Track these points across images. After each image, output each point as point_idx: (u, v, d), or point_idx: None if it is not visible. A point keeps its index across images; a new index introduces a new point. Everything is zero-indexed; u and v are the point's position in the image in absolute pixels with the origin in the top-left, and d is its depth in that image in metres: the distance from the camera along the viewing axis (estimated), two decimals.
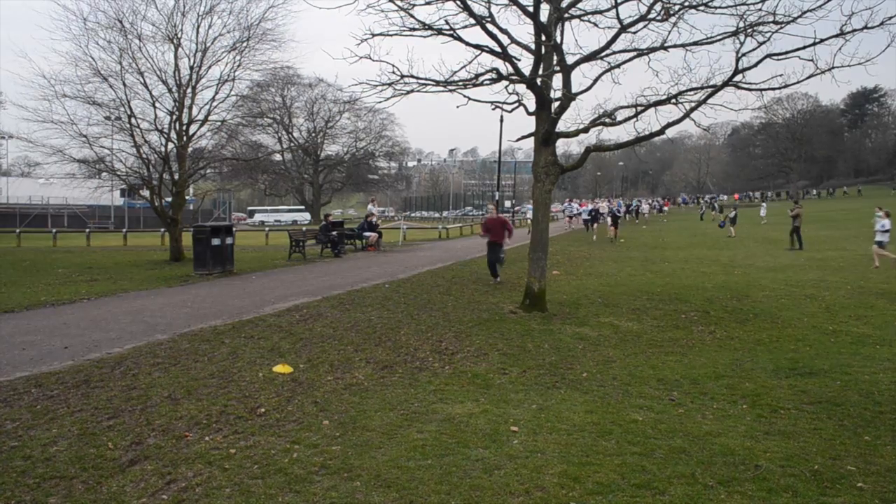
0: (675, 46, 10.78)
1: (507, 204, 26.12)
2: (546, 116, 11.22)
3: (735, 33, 10.13)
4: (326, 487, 4.41)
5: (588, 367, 7.96)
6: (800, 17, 9.85)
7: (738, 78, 10.35)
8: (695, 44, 10.74)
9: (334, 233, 22.93)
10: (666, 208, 75.33)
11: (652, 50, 10.94)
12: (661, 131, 10.99)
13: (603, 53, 11.24)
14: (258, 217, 72.66)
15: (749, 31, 10.00)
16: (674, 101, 10.87)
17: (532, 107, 11.53)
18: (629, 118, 11.12)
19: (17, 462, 4.79)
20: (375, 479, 4.55)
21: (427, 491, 4.36)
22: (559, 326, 10.35)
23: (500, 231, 15.19)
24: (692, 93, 10.82)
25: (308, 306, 11.65)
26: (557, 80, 11.44)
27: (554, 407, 6.31)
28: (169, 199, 21.84)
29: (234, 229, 19.11)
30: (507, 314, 11.28)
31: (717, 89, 10.50)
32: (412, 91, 11.56)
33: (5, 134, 35.39)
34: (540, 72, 11.08)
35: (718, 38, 10.50)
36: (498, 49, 10.99)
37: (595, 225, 34.34)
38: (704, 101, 10.62)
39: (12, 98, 51.75)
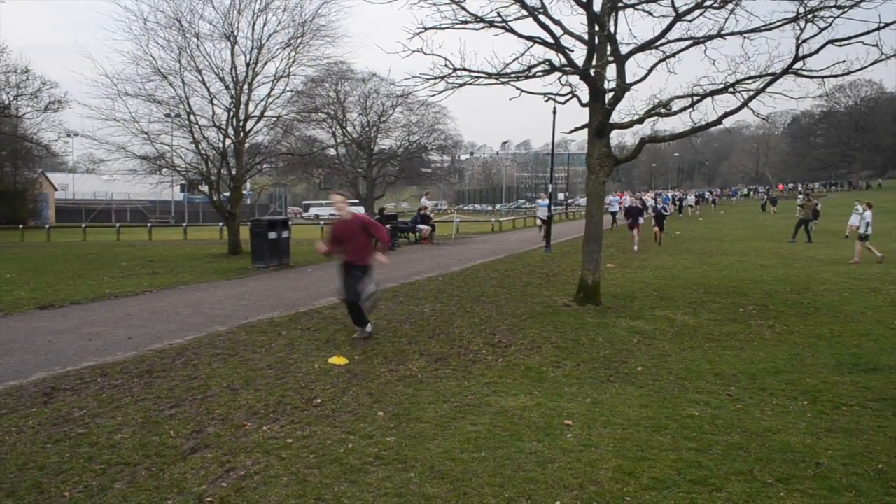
0: (732, 34, 10.52)
1: (561, 196, 25.74)
2: (600, 107, 11.09)
3: (795, 19, 9.83)
4: (381, 478, 4.47)
5: (643, 360, 7.87)
6: (863, 0, 9.52)
7: (798, 65, 10.05)
8: (753, 31, 10.46)
9: (388, 226, 23.11)
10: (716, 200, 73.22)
11: (708, 38, 10.70)
12: (719, 121, 10.76)
13: (658, 42, 11.04)
14: (313, 211, 73.67)
15: (809, 16, 9.69)
16: (731, 90, 10.61)
17: (585, 98, 11.41)
18: (685, 108, 10.91)
19: (84, 448, 4.97)
20: (429, 470, 4.59)
21: (480, 483, 4.37)
22: (613, 320, 10.25)
23: (362, 242, 8.66)
24: (750, 81, 10.55)
25: None
26: (611, 71, 11.30)
27: (608, 401, 6.26)
28: (227, 194, 22.32)
29: (289, 223, 19.40)
30: (561, 307, 11.22)
31: (776, 77, 10.23)
32: (465, 84, 11.54)
33: (71, 132, 36.61)
34: (593, 62, 10.95)
35: (777, 24, 10.20)
36: (550, 40, 10.90)
37: (636, 230, 23.59)
38: (763, 90, 10.35)
39: (77, 97, 53.50)
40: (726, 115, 10.63)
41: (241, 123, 21.50)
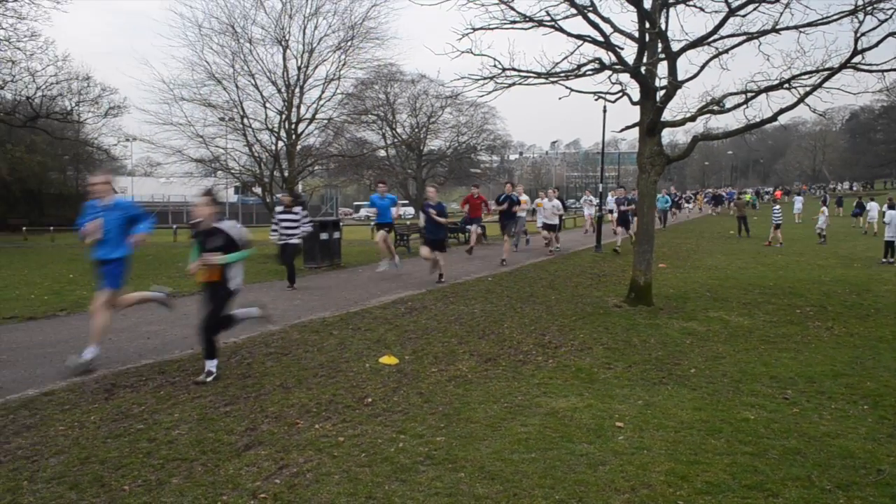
0: (787, 28, 10.27)
1: (610, 198, 25.15)
2: (651, 106, 10.95)
3: (853, 12, 9.56)
4: (431, 477, 4.49)
5: (696, 362, 7.74)
6: None
7: (856, 59, 9.77)
8: (809, 25, 10.20)
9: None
10: (778, 199, 70.82)
11: (763, 33, 10.47)
12: (774, 118, 10.51)
13: (710, 39, 10.85)
14: (363, 212, 74.18)
15: (869, 8, 9.41)
16: (786, 85, 10.38)
17: (636, 96, 11.28)
18: (738, 105, 10.70)
19: (142, 444, 5.11)
20: (479, 470, 4.60)
21: (531, 484, 4.37)
22: (666, 321, 10.11)
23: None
24: (806, 77, 10.29)
25: (412, 299, 11.85)
26: (662, 68, 11.14)
27: (660, 403, 6.18)
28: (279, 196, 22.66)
29: (341, 224, 19.62)
30: (612, 308, 11.11)
31: (833, 72, 9.95)
32: (514, 84, 11.52)
33: (130, 136, 37.56)
34: (644, 60, 10.82)
35: (835, 17, 9.92)
36: (600, 38, 10.81)
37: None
38: (820, 86, 10.09)
39: (135, 102, 54.92)
40: (781, 111, 10.40)
41: (293, 126, 21.84)
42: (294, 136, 21.93)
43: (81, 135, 41.22)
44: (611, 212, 24.92)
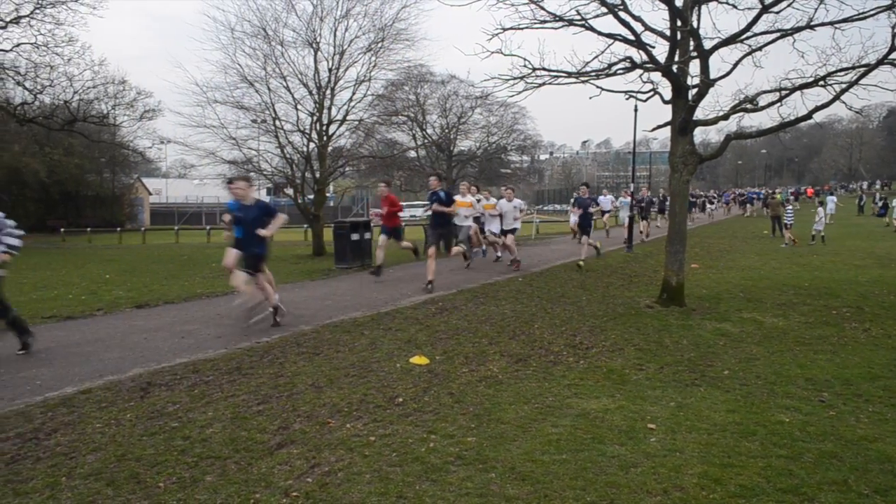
0: (822, 25, 10.10)
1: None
2: (683, 104, 10.84)
3: (890, 7, 9.37)
4: (462, 478, 4.50)
5: (729, 364, 7.65)
6: None
7: (894, 55, 9.59)
8: (845, 20, 10.02)
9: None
10: (810, 197, 69.19)
11: (797, 30, 10.31)
12: (809, 116, 10.33)
13: (743, 36, 10.70)
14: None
15: None
16: (822, 83, 10.20)
17: (668, 95, 11.17)
18: (772, 103, 10.54)
19: (177, 441, 5.19)
20: (510, 471, 4.59)
21: (562, 486, 4.35)
22: (698, 322, 10.00)
23: None
24: (842, 73, 10.10)
25: (443, 299, 11.87)
26: (694, 67, 11.03)
27: (693, 405, 6.12)
28: (311, 197, 22.85)
29: (371, 225, 19.72)
30: (644, 309, 11.03)
31: (870, 69, 9.77)
32: (544, 84, 11.48)
33: (164, 139, 38.21)
34: (676, 59, 10.72)
35: (871, 12, 9.73)
36: (631, 37, 10.72)
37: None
38: (856, 82, 9.90)
39: (169, 105, 55.66)
40: (817, 109, 10.22)
41: (324, 128, 21.99)
42: (325, 138, 22.08)
43: (117, 137, 41.96)
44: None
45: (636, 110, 21.87)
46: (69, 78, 30.58)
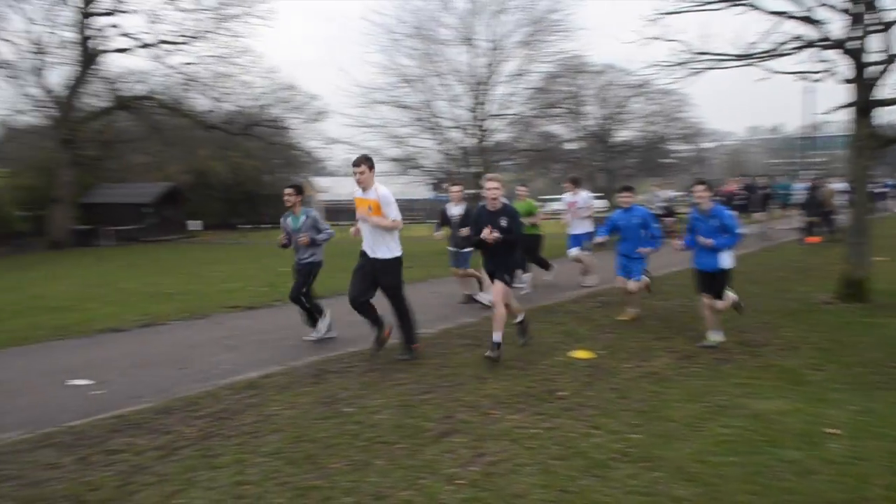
0: None
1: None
2: (862, 84, 9.97)
3: None
4: (626, 475, 4.41)
5: None
6: None
7: None
8: None
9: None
10: None
11: None
12: None
13: None
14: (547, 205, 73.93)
15: None
16: None
17: (845, 74, 10.32)
18: None
19: (350, 426, 5.47)
20: (677, 471, 4.45)
21: (733, 489, 4.16)
22: (884, 319, 9.15)
23: None
24: None
25: (606, 293, 11.68)
26: (875, 42, 10.10)
27: (879, 410, 5.62)
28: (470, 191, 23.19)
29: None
30: (821, 304, 10.29)
31: None
32: (707, 69, 10.97)
33: (332, 139, 40.26)
34: (853, 34, 9.87)
35: None
36: (802, 13, 10.00)
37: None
38: None
39: (334, 107, 58.42)
40: None
41: (481, 123, 22.24)
42: (483, 133, 22.33)
43: (288, 139, 44.64)
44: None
45: (809, 92, 20.43)
46: (246, 86, 32.88)
